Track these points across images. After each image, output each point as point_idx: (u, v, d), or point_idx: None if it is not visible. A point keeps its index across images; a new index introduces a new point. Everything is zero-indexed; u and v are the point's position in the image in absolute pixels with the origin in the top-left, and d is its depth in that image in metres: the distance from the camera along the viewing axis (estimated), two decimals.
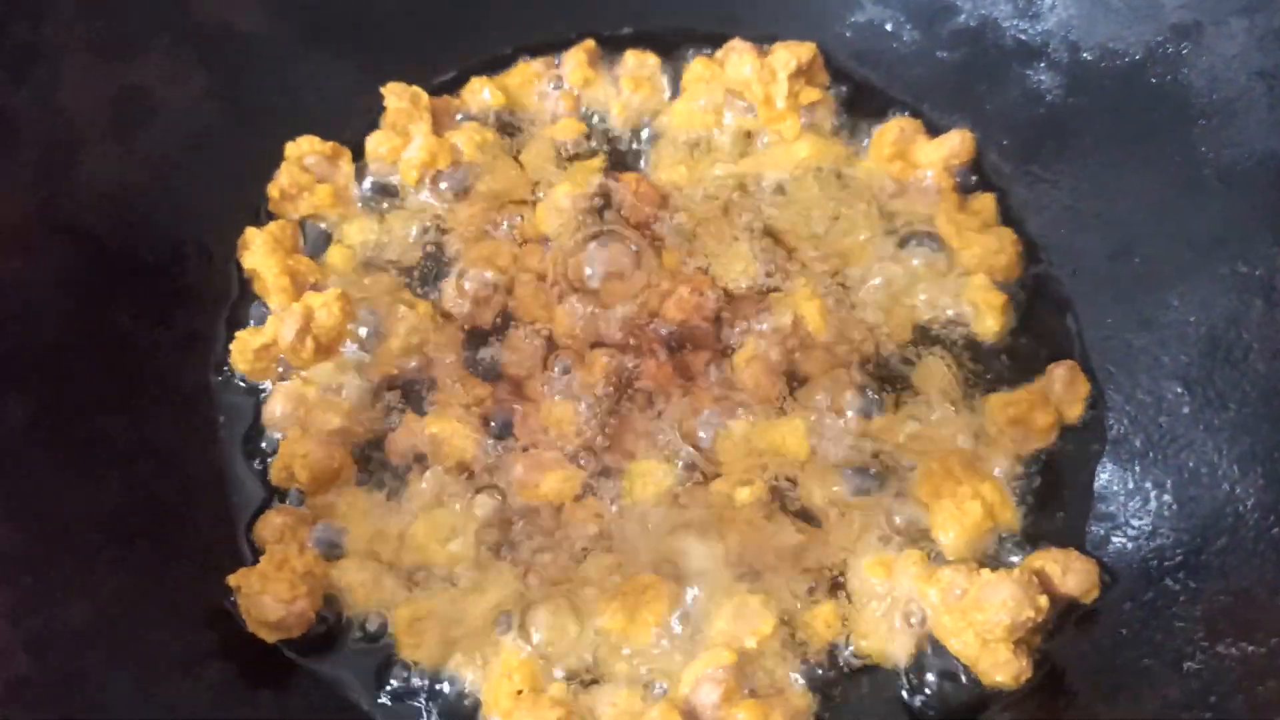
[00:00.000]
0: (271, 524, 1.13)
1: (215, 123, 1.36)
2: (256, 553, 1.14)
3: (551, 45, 1.52)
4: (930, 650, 1.11)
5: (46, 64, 1.20)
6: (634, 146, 1.46)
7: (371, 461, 1.21)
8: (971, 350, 1.30)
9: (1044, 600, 1.06)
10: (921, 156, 1.41)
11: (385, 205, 1.39)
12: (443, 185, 1.39)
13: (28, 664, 0.95)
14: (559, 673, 1.08)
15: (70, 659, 0.99)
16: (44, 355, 1.14)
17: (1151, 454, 1.20)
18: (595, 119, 1.48)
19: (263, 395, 1.24)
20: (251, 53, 1.41)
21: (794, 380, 1.26)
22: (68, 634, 1.00)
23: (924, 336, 1.31)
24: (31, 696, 0.94)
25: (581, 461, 1.20)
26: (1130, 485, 1.20)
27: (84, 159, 1.23)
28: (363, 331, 1.27)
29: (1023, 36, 1.41)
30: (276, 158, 1.38)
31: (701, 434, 1.22)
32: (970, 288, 1.32)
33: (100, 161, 1.25)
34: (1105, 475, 1.22)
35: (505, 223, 1.37)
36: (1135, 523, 1.17)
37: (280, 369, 1.24)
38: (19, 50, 1.18)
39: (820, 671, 1.10)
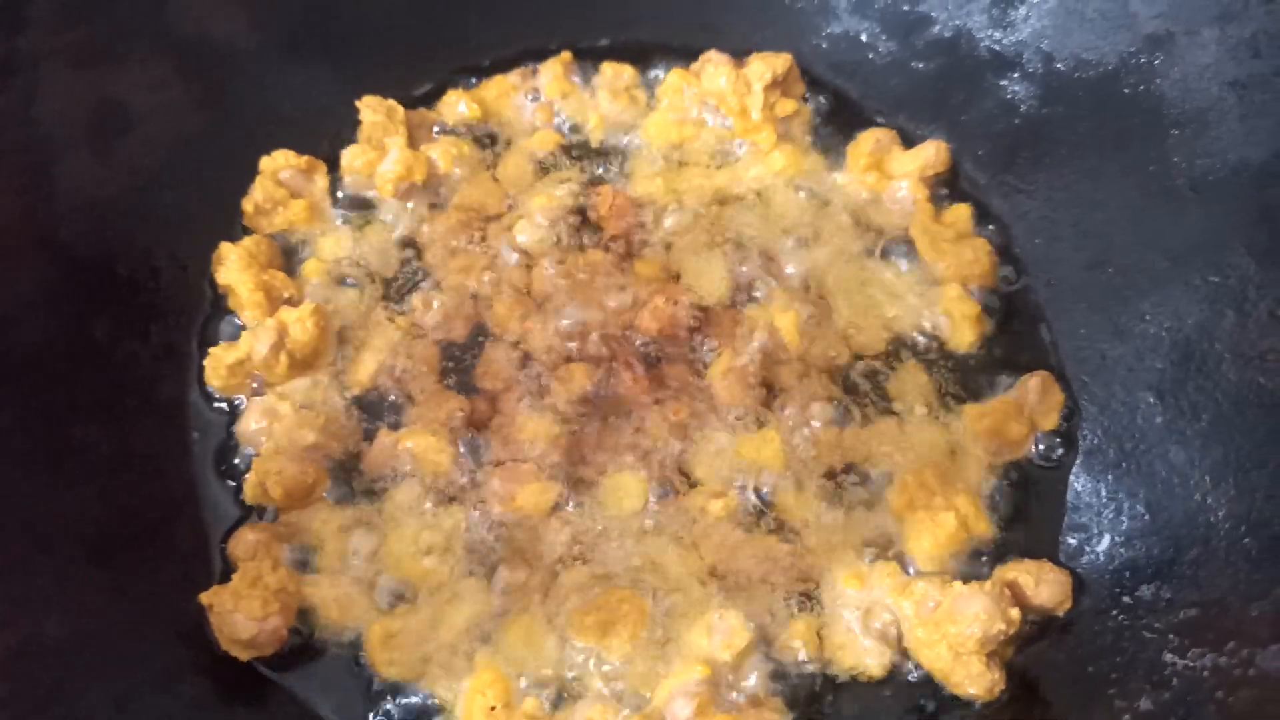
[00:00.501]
0: (244, 541, 1.12)
1: (193, 134, 1.36)
2: (231, 569, 1.13)
3: (528, 57, 1.52)
4: (905, 663, 1.11)
5: (24, 74, 1.19)
6: (611, 158, 1.46)
7: (346, 477, 1.20)
8: (946, 361, 1.30)
9: (1016, 613, 1.06)
10: (897, 167, 1.42)
11: (361, 219, 1.39)
12: (418, 199, 1.39)
13: (1, 686, 0.95)
14: (533, 688, 1.07)
15: (46, 675, 0.98)
16: (22, 365, 1.13)
17: (1124, 464, 1.20)
18: (572, 131, 1.48)
19: (238, 410, 1.24)
20: (230, 64, 1.40)
21: (769, 392, 1.26)
22: (44, 649, 1.00)
23: (899, 347, 1.31)
24: (6, 716, 0.94)
25: (557, 475, 1.19)
26: (1103, 496, 1.20)
27: (61, 170, 1.22)
28: (337, 346, 1.27)
29: (997, 47, 1.41)
30: (254, 171, 1.38)
31: (677, 446, 1.22)
32: (945, 298, 1.32)
33: (77, 173, 1.24)
34: (1078, 486, 1.22)
35: (481, 236, 1.37)
36: (1108, 533, 1.17)
37: (254, 384, 1.24)
38: None
39: (795, 684, 1.10)
